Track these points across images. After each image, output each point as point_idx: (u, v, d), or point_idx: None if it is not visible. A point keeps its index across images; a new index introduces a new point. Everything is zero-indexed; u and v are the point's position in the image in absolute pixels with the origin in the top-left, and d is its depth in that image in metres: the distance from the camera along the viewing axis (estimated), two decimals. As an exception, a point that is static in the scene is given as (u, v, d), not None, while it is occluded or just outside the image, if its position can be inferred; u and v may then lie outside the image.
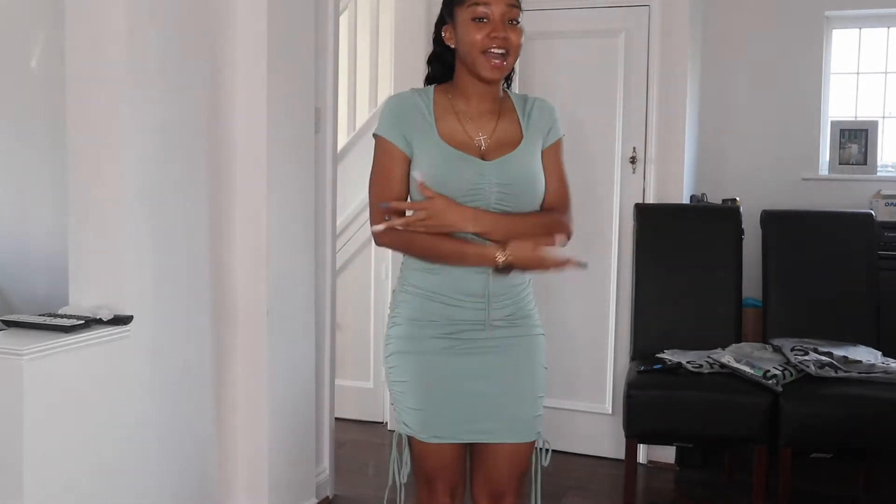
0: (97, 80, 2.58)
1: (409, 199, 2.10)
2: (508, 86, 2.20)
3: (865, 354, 3.40)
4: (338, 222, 3.89)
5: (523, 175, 2.07)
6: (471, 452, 2.17)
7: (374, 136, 2.11)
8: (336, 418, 3.80)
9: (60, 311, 2.55)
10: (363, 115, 4.83)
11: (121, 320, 2.53)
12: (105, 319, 2.50)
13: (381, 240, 2.09)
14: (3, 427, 2.25)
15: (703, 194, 4.35)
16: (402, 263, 2.16)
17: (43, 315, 2.51)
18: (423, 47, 4.34)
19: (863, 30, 4.69)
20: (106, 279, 2.60)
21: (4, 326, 2.48)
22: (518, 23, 2.04)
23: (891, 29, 4.66)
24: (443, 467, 2.14)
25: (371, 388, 4.68)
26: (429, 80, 2.19)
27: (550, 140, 2.15)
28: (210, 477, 3.01)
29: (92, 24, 2.58)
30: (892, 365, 3.31)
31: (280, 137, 3.08)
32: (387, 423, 4.60)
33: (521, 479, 2.16)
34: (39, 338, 2.32)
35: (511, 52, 2.03)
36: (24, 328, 2.43)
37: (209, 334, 2.97)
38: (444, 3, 2.11)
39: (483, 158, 2.06)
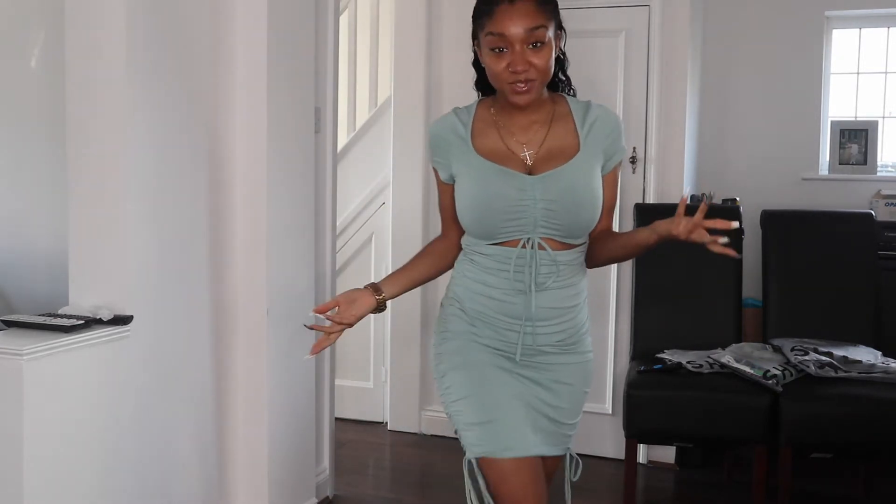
0: (97, 80, 2.58)
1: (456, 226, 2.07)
2: (568, 89, 2.06)
3: (865, 354, 3.40)
4: (338, 222, 3.89)
5: (572, 191, 1.91)
6: None
7: None
8: (336, 418, 3.80)
9: (60, 311, 2.55)
10: (363, 115, 4.83)
11: (121, 320, 2.53)
12: (105, 319, 2.50)
13: None
14: (3, 427, 2.25)
15: (702, 194, 4.35)
16: (452, 278, 2.09)
17: (43, 315, 2.51)
18: (424, 47, 4.35)
19: (863, 30, 4.70)
20: (106, 279, 2.60)
21: (4, 326, 2.48)
22: (541, 44, 1.86)
23: (891, 29, 4.66)
24: (525, 485, 1.93)
25: (371, 388, 4.69)
26: (478, 84, 2.06)
27: (615, 161, 2.00)
28: (210, 477, 3.01)
29: (92, 24, 2.57)
30: (892, 365, 3.31)
31: (280, 137, 3.07)
32: (387, 423, 4.60)
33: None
34: (39, 338, 2.32)
35: (539, 77, 1.88)
36: (24, 328, 2.43)
37: (209, 334, 2.97)
38: (472, 18, 1.97)
39: (530, 173, 1.92)
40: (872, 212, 3.98)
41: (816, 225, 3.89)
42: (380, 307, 2.03)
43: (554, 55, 1.91)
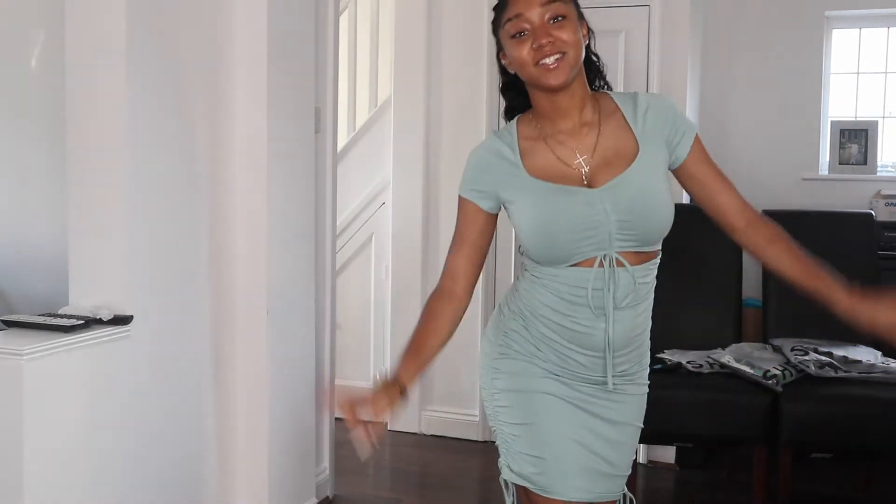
0: (97, 80, 2.58)
1: (519, 249, 1.90)
2: (604, 84, 1.90)
3: (865, 354, 3.39)
4: (338, 222, 3.89)
5: (643, 196, 1.76)
6: None
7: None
8: (336, 418, 3.80)
9: (60, 311, 2.55)
10: (363, 115, 4.84)
11: (121, 320, 2.53)
12: (105, 319, 2.50)
13: None
14: (3, 427, 2.25)
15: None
16: (516, 290, 1.92)
17: (43, 315, 2.51)
18: (424, 47, 4.35)
19: (863, 30, 4.70)
20: (106, 279, 2.60)
21: (4, 326, 2.48)
22: (564, 17, 1.74)
23: (891, 29, 4.66)
24: None
25: (371, 388, 4.67)
26: (509, 112, 1.93)
27: (687, 141, 1.82)
28: (210, 477, 3.01)
29: (92, 24, 2.57)
30: (892, 365, 3.31)
31: (280, 137, 3.07)
32: (387, 423, 4.60)
33: None
34: (39, 338, 2.32)
35: (568, 50, 1.73)
36: (24, 328, 2.43)
37: (209, 334, 2.97)
38: (493, 31, 1.86)
39: (589, 185, 1.77)
40: (872, 212, 3.98)
41: (816, 225, 3.89)
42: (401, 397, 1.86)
43: (581, 33, 1.77)
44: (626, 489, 1.98)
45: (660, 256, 1.89)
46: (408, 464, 4.16)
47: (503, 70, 1.87)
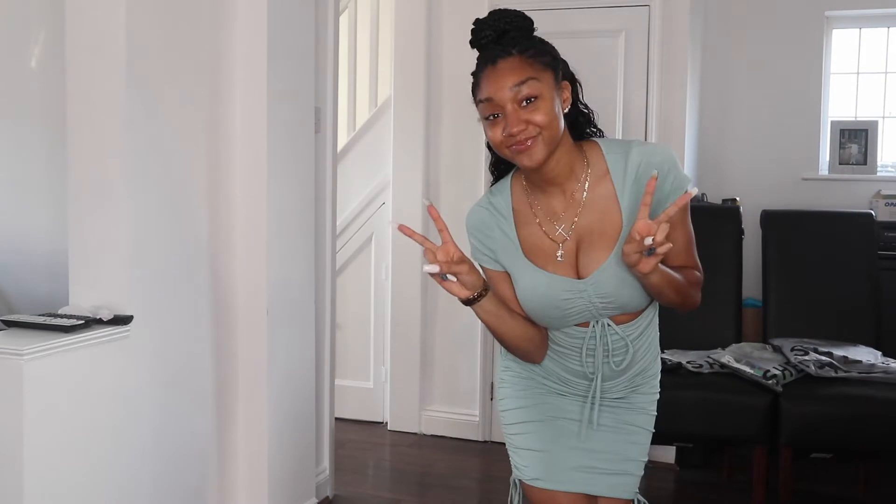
0: (97, 80, 2.58)
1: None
2: (597, 131, 1.86)
3: (865, 354, 3.40)
4: (338, 222, 3.89)
5: (623, 286, 1.77)
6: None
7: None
8: (336, 418, 3.80)
9: (60, 311, 2.55)
10: (363, 115, 4.83)
11: (121, 320, 2.53)
12: (105, 319, 2.50)
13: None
14: (3, 427, 2.25)
15: (703, 194, 4.35)
16: None
17: (43, 315, 2.51)
18: (424, 47, 4.35)
19: (863, 30, 4.69)
20: (106, 279, 2.60)
21: (4, 326, 2.48)
22: (535, 98, 1.67)
23: (891, 29, 4.66)
24: None
25: (371, 388, 4.69)
26: (494, 166, 1.91)
27: (672, 198, 1.73)
28: (210, 477, 3.01)
29: (92, 24, 2.57)
30: (892, 365, 3.31)
31: (280, 137, 3.07)
32: (387, 423, 4.60)
33: None
34: (39, 338, 2.32)
35: (542, 131, 1.68)
36: (24, 328, 2.43)
37: (209, 334, 2.97)
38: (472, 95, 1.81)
39: (573, 266, 1.79)
40: (872, 212, 3.98)
41: (816, 225, 3.89)
42: (479, 294, 1.73)
43: (557, 108, 1.71)
44: (639, 496, 2.02)
45: (654, 305, 1.93)
46: (408, 464, 4.16)
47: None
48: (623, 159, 1.77)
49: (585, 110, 1.85)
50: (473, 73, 1.76)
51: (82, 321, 2.43)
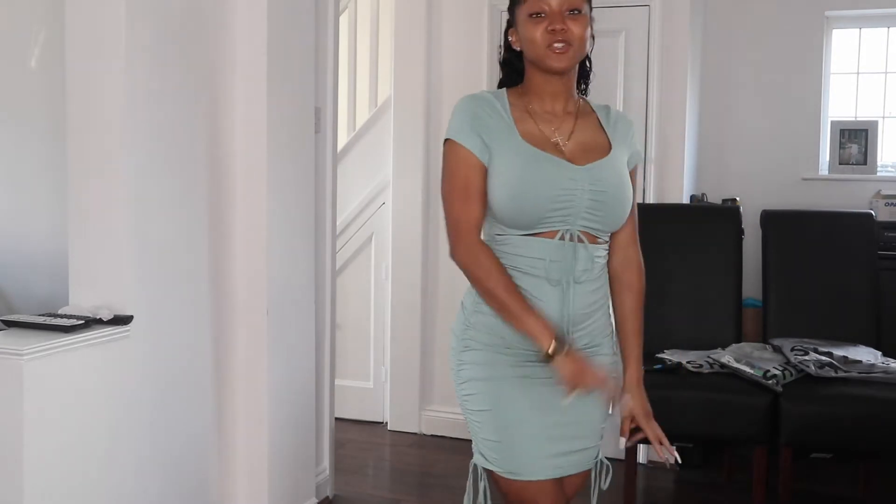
0: (97, 81, 2.58)
1: (485, 216, 1.91)
2: (586, 90, 2.04)
3: (865, 354, 3.39)
4: (338, 222, 3.89)
5: (617, 184, 1.90)
6: None
7: (446, 140, 1.91)
8: (336, 418, 3.80)
9: (60, 311, 2.55)
10: (363, 115, 4.83)
11: (121, 320, 2.53)
12: (105, 319, 2.50)
13: (458, 256, 1.90)
14: (3, 427, 2.25)
15: (702, 194, 4.35)
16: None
17: (43, 315, 2.51)
18: (424, 47, 4.35)
19: (863, 30, 4.70)
20: (106, 279, 2.60)
21: (4, 326, 2.48)
22: (579, 12, 1.87)
23: (891, 29, 4.66)
24: (545, 494, 1.95)
25: (371, 388, 4.69)
26: (501, 86, 2.03)
27: (633, 161, 2.00)
28: (210, 477, 3.01)
29: (92, 24, 2.57)
30: (892, 365, 3.31)
31: (280, 137, 3.07)
32: (387, 423, 4.60)
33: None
34: (39, 338, 2.32)
35: (575, 43, 1.86)
36: (24, 328, 2.43)
37: (209, 334, 2.97)
38: (508, 7, 1.98)
39: (571, 163, 1.88)
40: (872, 212, 3.98)
41: (816, 225, 3.89)
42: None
43: (588, 33, 1.90)
44: (601, 455, 2.09)
45: (608, 246, 2.00)
46: (408, 464, 4.17)
47: (507, 46, 1.99)
48: (605, 110, 2.02)
49: (588, 65, 2.02)
50: None
51: (82, 321, 2.43)
